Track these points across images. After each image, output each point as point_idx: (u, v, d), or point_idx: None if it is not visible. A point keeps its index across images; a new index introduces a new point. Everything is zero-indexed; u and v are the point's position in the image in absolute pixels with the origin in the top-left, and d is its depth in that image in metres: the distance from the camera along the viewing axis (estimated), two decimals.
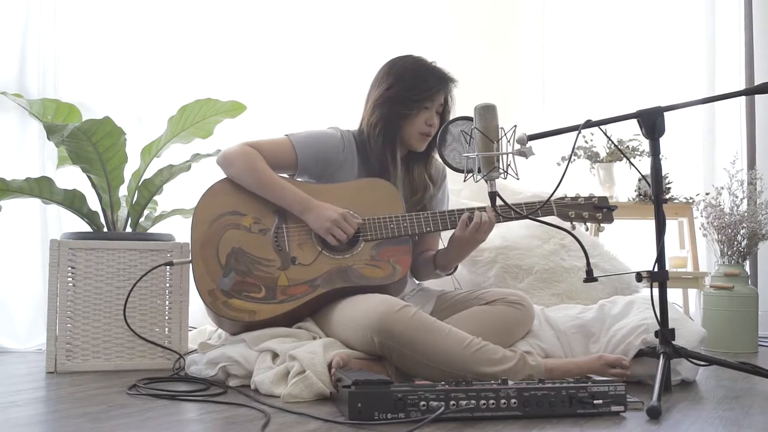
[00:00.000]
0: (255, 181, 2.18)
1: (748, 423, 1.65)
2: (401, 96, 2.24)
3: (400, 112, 2.24)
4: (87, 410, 1.70)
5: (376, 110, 2.27)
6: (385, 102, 2.25)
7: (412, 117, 2.25)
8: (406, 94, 2.23)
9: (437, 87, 2.25)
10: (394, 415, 1.57)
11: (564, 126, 2.10)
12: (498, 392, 1.64)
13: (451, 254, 2.25)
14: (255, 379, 1.96)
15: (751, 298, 3.13)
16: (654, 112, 2.01)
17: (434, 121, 2.28)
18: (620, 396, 1.69)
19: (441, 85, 2.26)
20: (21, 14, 2.90)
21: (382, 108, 2.26)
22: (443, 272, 2.31)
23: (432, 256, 2.32)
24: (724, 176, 3.47)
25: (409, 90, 2.23)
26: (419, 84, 2.24)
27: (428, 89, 2.24)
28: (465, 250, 2.24)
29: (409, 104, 2.23)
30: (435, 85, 2.25)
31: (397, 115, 2.24)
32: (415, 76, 2.25)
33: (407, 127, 2.26)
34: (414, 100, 2.23)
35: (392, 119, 2.24)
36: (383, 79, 2.29)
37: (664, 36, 4.08)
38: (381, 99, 2.26)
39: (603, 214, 2.25)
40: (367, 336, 1.94)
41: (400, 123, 2.25)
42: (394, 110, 2.24)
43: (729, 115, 3.90)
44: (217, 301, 2.10)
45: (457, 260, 2.29)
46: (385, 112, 2.25)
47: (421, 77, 2.25)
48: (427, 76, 2.26)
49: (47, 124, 2.28)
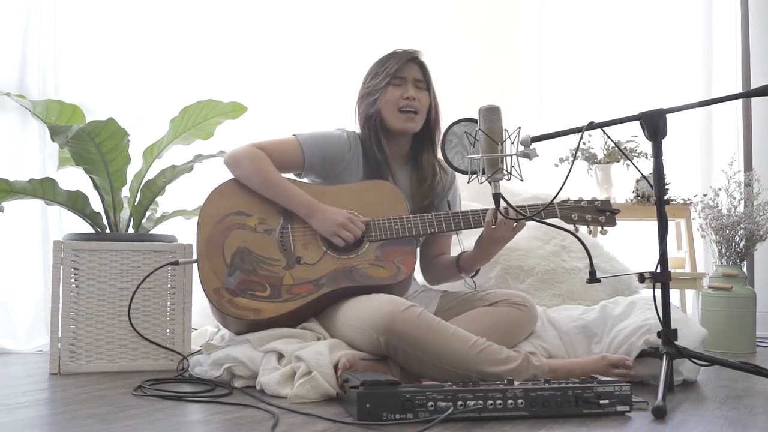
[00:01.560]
0: (261, 183, 2.19)
1: (753, 422, 1.66)
2: (369, 88, 2.31)
3: (370, 100, 2.30)
4: (95, 411, 1.70)
5: (359, 109, 2.35)
6: (361, 100, 2.34)
7: (383, 98, 2.28)
8: (372, 83, 2.31)
9: (397, 62, 2.29)
10: (403, 416, 1.58)
11: (566, 128, 2.11)
12: (505, 392, 1.65)
13: (479, 255, 2.25)
14: (261, 380, 1.96)
15: (749, 299, 3.15)
16: (656, 114, 2.02)
17: (411, 93, 2.29)
18: (626, 396, 1.70)
19: (400, 59, 2.30)
20: (21, 15, 2.89)
21: (360, 106, 2.34)
22: (467, 274, 2.32)
23: (453, 259, 2.33)
24: (720, 178, 3.50)
25: (374, 78, 2.31)
26: (381, 67, 2.31)
27: (388, 68, 2.29)
28: (491, 250, 2.25)
29: (375, 90, 2.29)
30: (395, 61, 2.30)
31: (369, 104, 2.30)
32: (379, 63, 2.33)
33: (385, 110, 2.29)
34: (378, 84, 2.29)
35: (368, 111, 2.30)
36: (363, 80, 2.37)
37: (661, 37, 4.11)
38: (359, 99, 2.36)
39: (606, 217, 2.27)
40: (373, 336, 1.94)
41: (375, 111, 2.29)
42: (368, 103, 2.30)
43: (726, 117, 3.93)
44: (222, 300, 2.11)
45: (484, 261, 2.30)
46: (363, 108, 2.33)
47: (383, 61, 2.33)
48: (388, 58, 2.32)
49: (51, 126, 2.28)
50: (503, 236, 2.19)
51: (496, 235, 2.17)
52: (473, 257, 2.28)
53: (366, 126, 2.31)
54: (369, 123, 2.30)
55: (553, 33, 4.31)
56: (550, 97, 4.28)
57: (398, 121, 2.29)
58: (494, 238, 2.18)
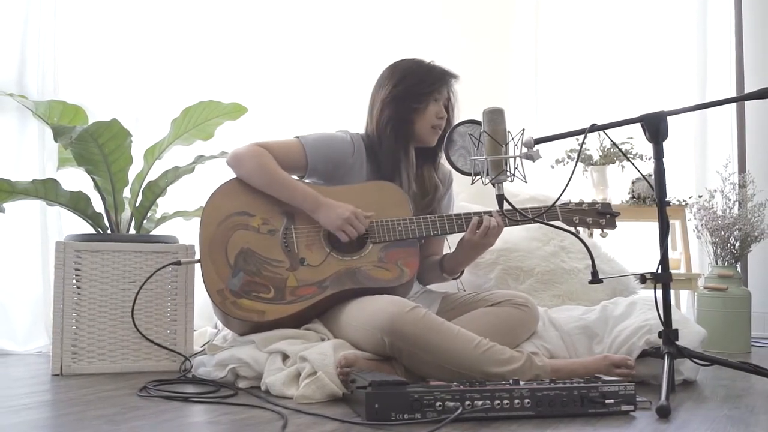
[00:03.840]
0: (266, 180, 2.19)
1: (755, 421, 1.69)
2: (410, 91, 2.27)
3: (411, 106, 2.27)
4: (101, 412, 1.70)
5: (385, 109, 2.29)
6: (394, 99, 2.28)
7: (423, 110, 2.28)
8: (415, 89, 2.27)
9: (442, 80, 2.30)
10: (411, 416, 1.59)
11: (562, 131, 2.13)
12: (512, 392, 1.66)
13: (460, 257, 2.28)
14: (266, 380, 1.96)
15: (745, 299, 3.18)
16: (658, 117, 2.05)
17: (444, 114, 2.31)
18: (630, 396, 1.72)
19: (446, 78, 2.31)
20: (21, 15, 2.87)
21: (391, 106, 2.28)
22: (450, 276, 2.33)
23: (438, 260, 2.34)
24: (715, 179, 3.53)
25: (416, 84, 2.28)
26: (426, 78, 2.29)
27: (434, 82, 2.28)
28: (473, 254, 2.27)
29: (418, 98, 2.27)
30: (440, 77, 2.30)
31: (408, 110, 2.28)
32: (420, 72, 2.30)
33: (419, 122, 2.29)
34: (422, 93, 2.27)
35: (403, 115, 2.28)
36: (388, 79, 2.32)
37: (656, 40, 4.14)
38: (389, 97, 2.29)
39: (606, 219, 2.29)
40: (378, 337, 1.95)
41: (411, 118, 2.28)
42: (404, 106, 2.27)
43: (720, 119, 3.97)
44: (226, 301, 2.11)
45: (465, 264, 2.32)
46: (394, 109, 2.28)
47: (425, 73, 2.30)
48: (430, 71, 2.31)
49: (55, 126, 2.27)
50: (484, 242, 2.21)
51: (474, 239, 2.19)
52: (456, 259, 2.30)
53: (394, 126, 2.27)
54: (399, 125, 2.28)
55: (549, 36, 4.33)
56: (545, 100, 4.30)
57: (427, 135, 2.31)
58: (473, 242, 2.20)
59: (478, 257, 2.34)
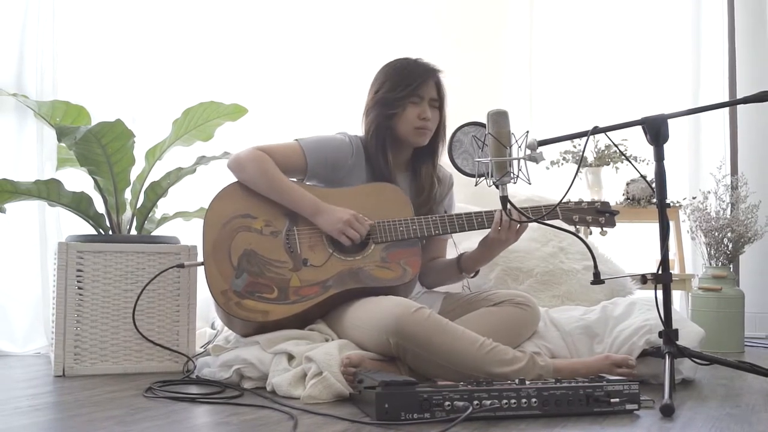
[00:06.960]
0: (267, 185, 2.20)
1: (757, 420, 1.71)
2: (386, 97, 2.29)
3: (387, 113, 2.29)
4: (110, 414, 1.70)
5: (368, 115, 2.33)
6: (374, 106, 2.32)
7: (401, 115, 2.28)
8: (390, 95, 2.28)
9: (419, 80, 2.29)
10: (420, 415, 1.60)
11: (560, 134, 2.16)
12: (519, 392, 1.68)
13: (478, 256, 2.29)
14: (272, 381, 1.97)
15: (738, 300, 3.23)
16: (659, 120, 2.08)
17: (428, 114, 2.30)
18: (634, 395, 1.74)
19: (423, 78, 2.30)
20: (19, 14, 2.86)
21: (371, 112, 2.32)
22: (468, 274, 2.36)
23: (454, 260, 2.36)
24: (708, 181, 3.58)
25: (393, 90, 2.29)
26: (402, 81, 2.29)
27: (410, 84, 2.28)
28: (496, 251, 2.29)
29: (394, 104, 2.28)
30: (417, 79, 2.29)
31: (385, 116, 2.29)
32: (399, 75, 2.30)
33: (400, 126, 2.30)
34: (398, 98, 2.28)
35: (381, 121, 2.30)
36: (373, 84, 2.36)
37: (650, 44, 4.19)
38: (371, 104, 2.34)
39: (605, 218, 2.32)
40: (382, 337, 1.96)
41: (389, 124, 2.30)
42: (381, 113, 2.29)
43: (713, 122, 4.02)
44: (230, 302, 2.11)
45: (484, 262, 2.34)
46: (374, 115, 2.31)
47: (404, 74, 2.30)
48: (409, 72, 2.30)
49: (59, 127, 2.27)
50: (508, 238, 2.23)
51: (501, 237, 2.21)
52: (475, 257, 2.31)
53: (375, 133, 2.31)
54: (378, 131, 2.30)
55: (542, 40, 4.37)
56: (539, 103, 4.33)
57: (411, 137, 2.31)
58: (500, 240, 2.22)
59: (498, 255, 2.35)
